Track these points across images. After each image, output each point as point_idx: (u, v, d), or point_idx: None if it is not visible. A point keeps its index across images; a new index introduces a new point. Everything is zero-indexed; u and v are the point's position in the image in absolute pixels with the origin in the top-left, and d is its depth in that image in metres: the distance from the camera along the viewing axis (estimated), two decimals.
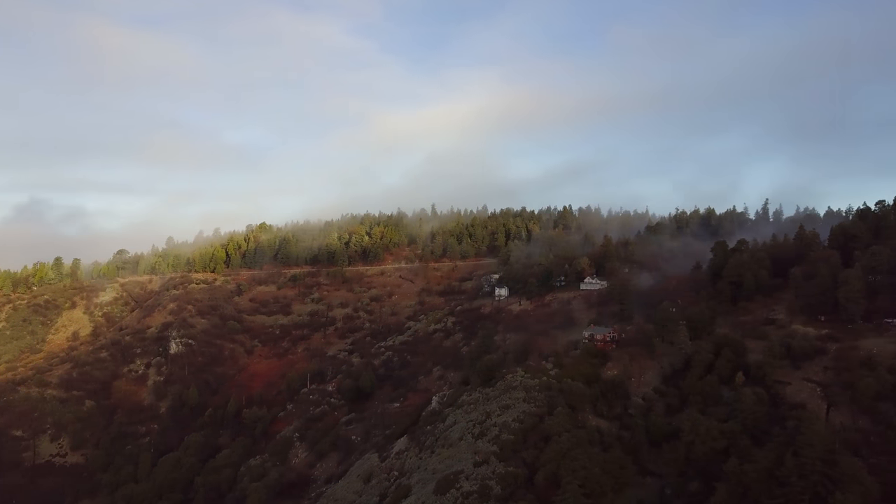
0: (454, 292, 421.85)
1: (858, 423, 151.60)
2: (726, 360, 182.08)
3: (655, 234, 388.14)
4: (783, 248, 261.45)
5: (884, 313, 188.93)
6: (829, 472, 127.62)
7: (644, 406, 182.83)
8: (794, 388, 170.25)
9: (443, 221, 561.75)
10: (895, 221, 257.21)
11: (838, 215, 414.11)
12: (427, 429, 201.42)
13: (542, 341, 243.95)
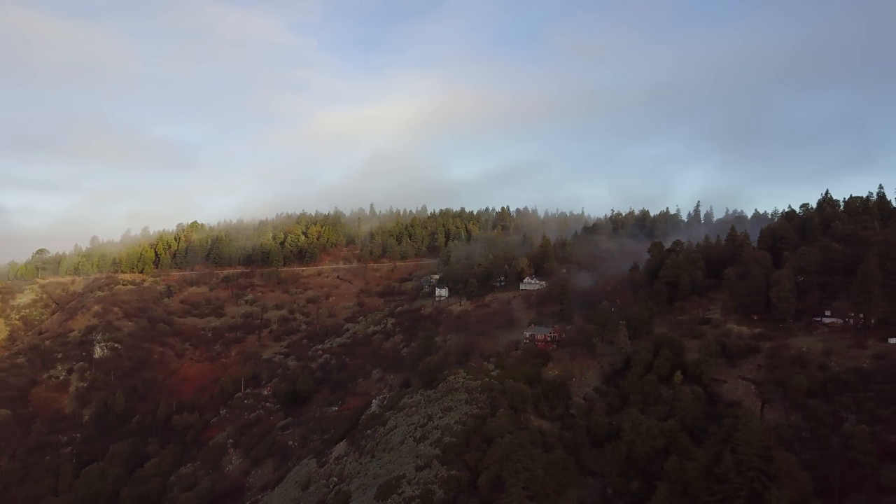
0: (394, 293, 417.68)
1: (791, 420, 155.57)
2: (665, 359, 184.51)
3: (592, 234, 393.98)
4: (716, 249, 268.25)
5: (813, 312, 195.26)
6: (765, 469, 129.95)
7: (585, 406, 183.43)
8: (730, 386, 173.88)
9: (382, 221, 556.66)
10: (819, 223, 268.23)
11: (764, 217, 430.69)
12: (367, 433, 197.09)
13: (483, 342, 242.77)
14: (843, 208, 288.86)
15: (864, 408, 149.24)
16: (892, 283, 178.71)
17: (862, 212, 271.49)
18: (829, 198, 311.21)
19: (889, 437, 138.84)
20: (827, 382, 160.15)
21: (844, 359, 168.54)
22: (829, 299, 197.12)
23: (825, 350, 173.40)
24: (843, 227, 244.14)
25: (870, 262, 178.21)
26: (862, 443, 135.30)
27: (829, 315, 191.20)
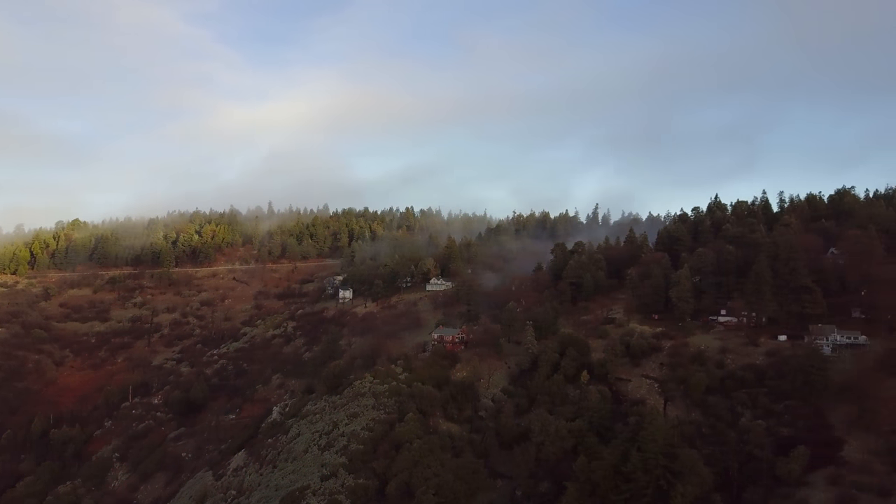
0: (294, 295, 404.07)
1: (692, 416, 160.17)
2: (571, 359, 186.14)
3: (497, 235, 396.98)
4: (616, 250, 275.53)
5: (709, 311, 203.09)
6: (670, 466, 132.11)
7: (494, 408, 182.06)
8: (635, 385, 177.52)
9: (282, 220, 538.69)
10: (711, 226, 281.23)
11: (658, 220, 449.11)
12: (268, 442, 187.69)
13: (390, 344, 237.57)
14: (731, 212, 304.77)
15: (758, 403, 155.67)
16: (781, 283, 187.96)
17: (748, 215, 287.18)
18: (718, 202, 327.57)
19: (782, 431, 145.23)
20: (724, 379, 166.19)
21: (739, 356, 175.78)
22: (724, 299, 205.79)
23: (722, 348, 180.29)
24: (734, 229, 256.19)
25: (761, 264, 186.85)
26: (758, 437, 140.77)
27: (724, 314, 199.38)
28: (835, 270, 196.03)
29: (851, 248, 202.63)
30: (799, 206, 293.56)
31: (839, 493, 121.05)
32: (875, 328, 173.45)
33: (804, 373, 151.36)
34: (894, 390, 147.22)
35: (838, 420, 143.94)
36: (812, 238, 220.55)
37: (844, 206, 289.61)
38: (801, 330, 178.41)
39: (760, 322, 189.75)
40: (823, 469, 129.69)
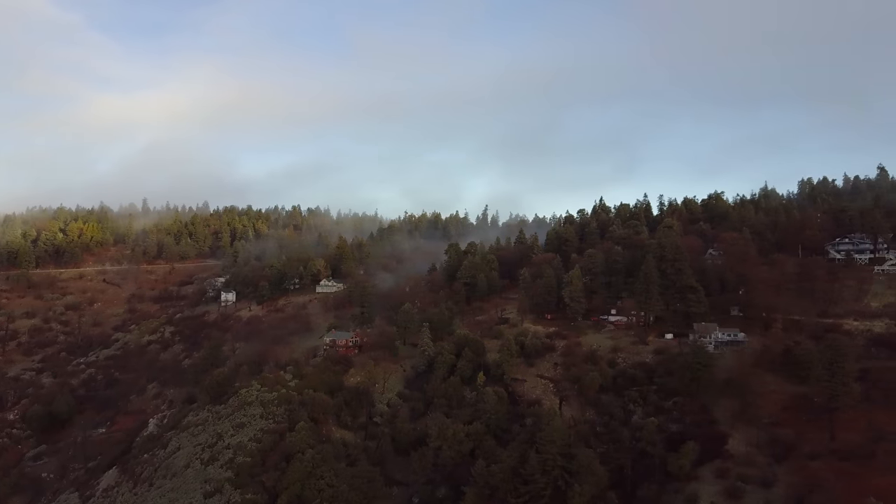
0: (172, 298, 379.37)
1: (586, 415, 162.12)
2: (467, 360, 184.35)
3: (389, 235, 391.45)
4: (508, 251, 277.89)
5: (600, 311, 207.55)
6: (568, 466, 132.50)
7: (389, 413, 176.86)
8: (530, 385, 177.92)
9: (159, 218, 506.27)
10: (597, 228, 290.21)
11: (544, 222, 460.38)
12: (143, 458, 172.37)
13: (278, 350, 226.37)
14: (615, 214, 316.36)
15: (649, 400, 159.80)
16: (667, 283, 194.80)
17: (631, 218, 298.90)
18: (602, 205, 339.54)
19: (671, 427, 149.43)
20: (616, 378, 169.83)
21: (630, 355, 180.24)
22: (614, 299, 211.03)
23: (613, 347, 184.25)
24: (620, 231, 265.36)
25: (649, 265, 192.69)
26: (650, 434, 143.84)
27: (614, 314, 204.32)
28: (714, 271, 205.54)
29: (728, 249, 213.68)
30: (677, 210, 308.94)
31: (726, 486, 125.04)
32: (752, 326, 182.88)
33: (691, 370, 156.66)
34: (772, 385, 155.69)
35: (722, 415, 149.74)
36: (693, 240, 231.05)
37: (718, 210, 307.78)
38: (686, 328, 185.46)
39: (649, 321, 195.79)
40: (711, 463, 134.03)
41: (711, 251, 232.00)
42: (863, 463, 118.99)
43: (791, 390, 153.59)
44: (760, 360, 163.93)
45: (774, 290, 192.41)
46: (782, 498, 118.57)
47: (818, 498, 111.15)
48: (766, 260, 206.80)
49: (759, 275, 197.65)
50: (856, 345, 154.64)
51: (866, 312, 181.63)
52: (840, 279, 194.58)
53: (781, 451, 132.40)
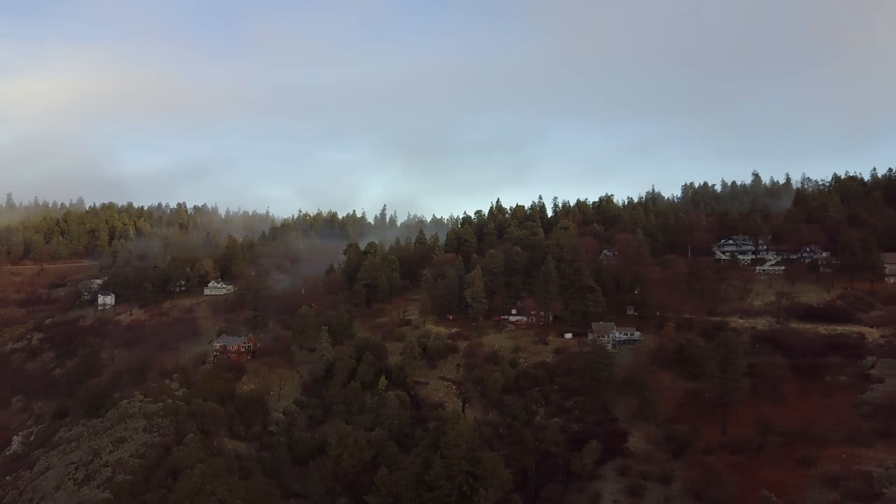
0: (41, 301, 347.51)
1: (490, 417, 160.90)
2: (369, 364, 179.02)
3: (283, 235, 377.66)
4: (409, 251, 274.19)
5: (501, 311, 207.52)
6: (473, 470, 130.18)
7: (286, 421, 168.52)
8: (433, 388, 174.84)
9: (26, 215, 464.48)
10: (495, 228, 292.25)
11: (441, 222, 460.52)
12: (6, 480, 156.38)
13: (163, 357, 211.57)
14: (512, 216, 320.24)
15: (550, 400, 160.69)
16: (566, 283, 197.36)
17: (527, 219, 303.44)
18: (499, 206, 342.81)
19: (573, 427, 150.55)
20: (518, 378, 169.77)
21: (531, 354, 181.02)
22: (514, 299, 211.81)
23: (515, 347, 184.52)
24: (518, 232, 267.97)
25: (549, 265, 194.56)
26: (553, 435, 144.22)
27: (515, 313, 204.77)
28: (610, 271, 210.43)
29: (623, 250, 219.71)
30: (571, 212, 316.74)
31: (628, 484, 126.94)
32: (647, 325, 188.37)
33: (591, 369, 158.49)
34: (667, 382, 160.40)
35: (622, 413, 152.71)
36: (589, 240, 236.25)
37: (609, 212, 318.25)
38: (585, 328, 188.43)
39: (548, 321, 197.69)
40: (613, 461, 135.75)
41: (606, 252, 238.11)
42: (753, 456, 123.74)
43: (685, 387, 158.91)
44: (656, 357, 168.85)
45: (667, 290, 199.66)
46: (681, 493, 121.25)
47: (714, 492, 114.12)
48: (659, 260, 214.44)
49: (653, 275, 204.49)
50: (742, 342, 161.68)
51: (750, 311, 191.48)
52: (726, 279, 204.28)
53: (678, 446, 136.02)
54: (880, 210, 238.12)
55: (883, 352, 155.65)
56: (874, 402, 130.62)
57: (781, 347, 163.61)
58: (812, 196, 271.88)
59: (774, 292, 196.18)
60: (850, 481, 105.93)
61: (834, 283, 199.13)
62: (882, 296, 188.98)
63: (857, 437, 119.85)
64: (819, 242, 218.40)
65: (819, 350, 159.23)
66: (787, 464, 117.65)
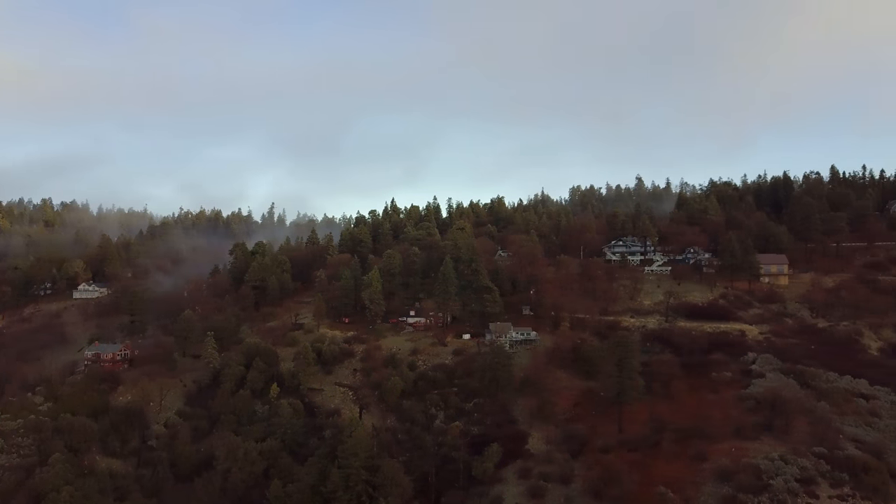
0: None
1: (388, 423, 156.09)
2: (259, 371, 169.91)
3: (163, 234, 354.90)
4: (301, 251, 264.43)
5: (399, 313, 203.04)
6: (372, 479, 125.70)
7: (167, 435, 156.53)
8: (328, 394, 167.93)
9: None
10: (390, 229, 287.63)
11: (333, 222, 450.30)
12: None
13: (24, 367, 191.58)
14: (407, 216, 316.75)
15: (450, 403, 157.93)
16: (464, 284, 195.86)
17: (422, 220, 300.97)
18: (394, 206, 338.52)
19: (473, 430, 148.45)
20: (417, 381, 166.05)
21: (430, 357, 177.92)
22: (412, 300, 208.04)
23: (413, 349, 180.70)
24: (414, 232, 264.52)
25: (447, 265, 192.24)
26: (453, 439, 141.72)
27: (413, 315, 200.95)
28: (506, 271, 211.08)
29: (518, 251, 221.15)
30: (465, 213, 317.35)
31: (529, 486, 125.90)
32: (542, 324, 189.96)
33: (491, 369, 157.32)
34: (564, 381, 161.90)
35: (521, 413, 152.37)
36: (485, 241, 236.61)
37: (502, 213, 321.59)
38: (483, 328, 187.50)
39: (447, 322, 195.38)
40: (513, 463, 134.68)
41: (501, 252, 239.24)
42: (649, 453, 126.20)
43: (581, 385, 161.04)
44: (552, 357, 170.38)
45: (561, 290, 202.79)
46: (581, 493, 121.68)
47: (613, 490, 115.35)
48: (552, 261, 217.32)
49: (547, 275, 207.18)
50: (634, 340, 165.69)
51: (640, 310, 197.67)
52: (617, 279, 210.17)
53: (577, 446, 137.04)
54: (753, 213, 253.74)
55: (762, 348, 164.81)
56: (757, 396, 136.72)
57: (671, 345, 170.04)
58: (693, 200, 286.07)
59: (662, 292, 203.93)
60: (741, 474, 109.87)
61: (716, 282, 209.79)
62: (759, 295, 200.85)
63: (744, 430, 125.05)
64: (702, 244, 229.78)
65: (705, 347, 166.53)
66: (681, 459, 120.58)
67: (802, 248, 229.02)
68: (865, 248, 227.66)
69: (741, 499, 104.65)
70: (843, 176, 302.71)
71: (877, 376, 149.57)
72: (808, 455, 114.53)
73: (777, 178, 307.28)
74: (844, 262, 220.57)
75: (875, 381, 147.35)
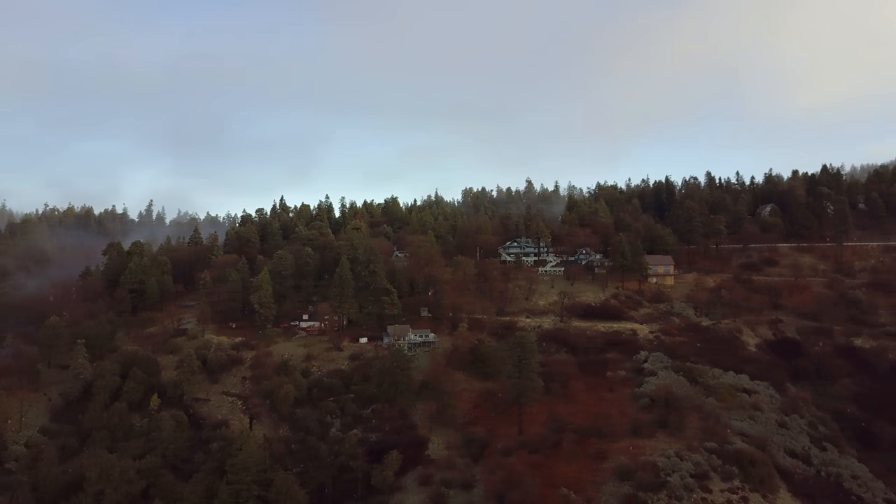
0: None
1: (280, 433, 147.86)
2: (137, 381, 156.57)
3: (24, 232, 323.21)
4: (183, 251, 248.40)
5: (291, 317, 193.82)
6: (264, 494, 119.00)
7: (29, 455, 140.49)
8: (215, 405, 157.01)
9: None
10: (280, 228, 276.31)
11: (217, 221, 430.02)
12: None
13: None
14: (297, 215, 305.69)
15: (347, 410, 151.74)
16: (361, 285, 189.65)
17: (314, 219, 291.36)
18: (283, 204, 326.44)
19: (371, 437, 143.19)
20: (311, 388, 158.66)
21: (325, 362, 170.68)
22: (305, 303, 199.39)
23: (307, 355, 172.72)
24: (306, 232, 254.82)
25: (344, 266, 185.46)
26: (351, 447, 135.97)
27: (306, 319, 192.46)
28: (403, 272, 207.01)
29: (415, 251, 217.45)
30: (360, 212, 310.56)
31: (430, 493, 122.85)
32: (440, 326, 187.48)
33: (390, 374, 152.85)
34: (463, 383, 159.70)
35: (421, 418, 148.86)
36: (383, 241, 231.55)
37: (397, 214, 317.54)
38: (380, 331, 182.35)
39: (342, 325, 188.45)
40: (414, 470, 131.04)
41: (398, 253, 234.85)
42: (550, 454, 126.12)
43: (480, 387, 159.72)
44: (451, 359, 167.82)
45: (458, 291, 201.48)
46: (483, 498, 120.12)
47: (516, 494, 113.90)
48: (450, 262, 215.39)
49: (445, 276, 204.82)
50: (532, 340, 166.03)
51: (536, 310, 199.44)
52: (513, 280, 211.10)
53: (478, 449, 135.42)
54: (640, 216, 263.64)
55: (653, 346, 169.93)
56: (651, 394, 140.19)
57: (567, 345, 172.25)
58: (583, 202, 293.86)
59: (557, 292, 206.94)
60: (640, 472, 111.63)
61: (607, 282, 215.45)
62: (648, 294, 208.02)
63: (641, 428, 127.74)
64: (593, 245, 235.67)
65: (600, 346, 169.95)
66: (581, 459, 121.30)
67: (685, 250, 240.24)
68: (741, 249, 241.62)
69: (641, 497, 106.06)
70: (718, 182, 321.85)
71: (756, 371, 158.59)
72: (701, 450, 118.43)
73: (659, 182, 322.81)
74: (723, 263, 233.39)
75: (755, 375, 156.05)
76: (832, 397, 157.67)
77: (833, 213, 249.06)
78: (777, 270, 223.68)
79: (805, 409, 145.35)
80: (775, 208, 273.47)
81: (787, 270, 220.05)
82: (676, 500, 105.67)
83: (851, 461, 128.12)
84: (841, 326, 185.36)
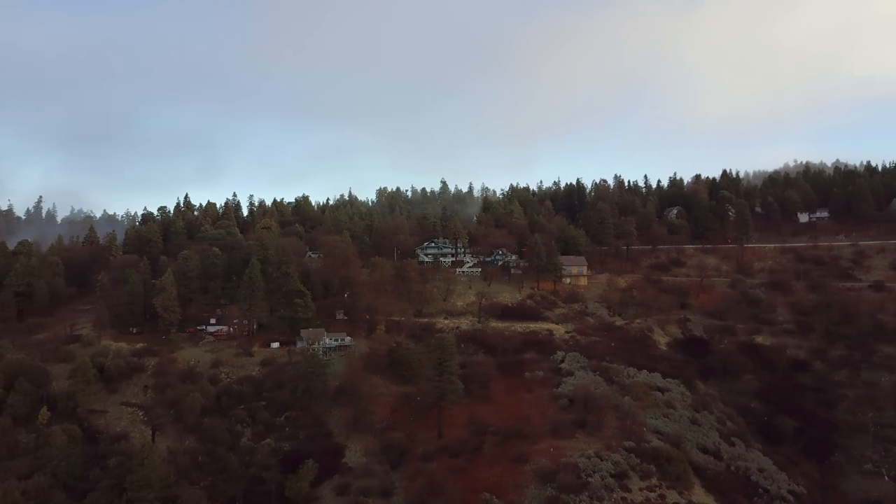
0: None
1: (186, 444, 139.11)
2: (23, 393, 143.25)
3: None
4: (78, 251, 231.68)
5: (197, 321, 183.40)
6: None
7: None
8: (113, 417, 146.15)
9: None
10: (184, 227, 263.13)
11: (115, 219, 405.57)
12: None
13: None
14: (203, 214, 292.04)
15: (258, 419, 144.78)
16: (273, 287, 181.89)
17: (221, 217, 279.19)
18: (188, 202, 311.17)
19: (285, 446, 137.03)
20: (220, 396, 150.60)
21: (235, 369, 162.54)
22: (212, 306, 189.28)
23: (215, 361, 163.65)
24: (213, 231, 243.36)
25: (255, 267, 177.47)
26: (263, 458, 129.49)
27: (214, 323, 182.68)
28: (317, 274, 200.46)
29: (330, 252, 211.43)
30: (270, 211, 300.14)
31: (348, 503, 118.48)
32: (357, 329, 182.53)
33: (304, 380, 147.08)
34: (380, 387, 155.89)
35: (337, 425, 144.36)
36: (295, 241, 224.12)
37: (309, 213, 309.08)
38: (293, 335, 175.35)
39: (253, 329, 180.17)
40: (330, 479, 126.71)
41: (311, 254, 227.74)
42: (471, 458, 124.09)
43: (397, 391, 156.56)
44: (369, 363, 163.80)
45: (375, 292, 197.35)
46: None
47: (437, 501, 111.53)
48: (366, 263, 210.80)
49: (361, 277, 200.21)
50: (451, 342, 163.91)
51: (454, 311, 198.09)
52: (430, 280, 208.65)
53: (396, 455, 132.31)
54: (554, 217, 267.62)
55: (569, 346, 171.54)
56: (569, 394, 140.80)
57: (485, 346, 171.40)
58: (498, 204, 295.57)
59: (474, 293, 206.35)
60: (562, 474, 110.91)
61: (523, 283, 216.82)
62: (562, 295, 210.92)
63: (561, 429, 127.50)
64: (509, 246, 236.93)
65: (518, 347, 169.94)
66: (503, 462, 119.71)
67: (598, 251, 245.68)
68: (650, 250, 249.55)
69: (563, 499, 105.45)
70: (627, 185, 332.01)
71: (667, 369, 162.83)
72: (620, 450, 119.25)
73: (570, 184, 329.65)
74: (634, 264, 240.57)
75: (667, 373, 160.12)
76: (737, 393, 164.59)
77: (734, 216, 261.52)
78: (684, 271, 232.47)
79: (714, 406, 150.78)
80: (681, 211, 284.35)
81: (694, 271, 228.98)
82: (598, 500, 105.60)
83: (757, 455, 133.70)
84: (743, 325, 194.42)
